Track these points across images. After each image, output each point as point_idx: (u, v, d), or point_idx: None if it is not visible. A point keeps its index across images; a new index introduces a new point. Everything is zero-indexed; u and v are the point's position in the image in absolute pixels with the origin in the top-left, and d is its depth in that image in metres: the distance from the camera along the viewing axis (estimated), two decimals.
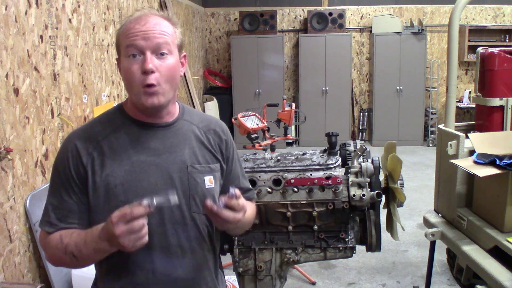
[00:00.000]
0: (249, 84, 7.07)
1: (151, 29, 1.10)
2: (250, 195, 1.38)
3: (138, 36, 1.08)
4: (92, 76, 3.18)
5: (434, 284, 2.96)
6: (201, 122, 1.27)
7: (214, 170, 1.23)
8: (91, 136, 1.15)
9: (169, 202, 1.00)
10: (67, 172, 1.12)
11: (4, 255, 2.12)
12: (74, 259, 1.07)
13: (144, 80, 1.08)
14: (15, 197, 2.24)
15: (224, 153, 1.27)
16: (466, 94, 7.04)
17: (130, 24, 1.12)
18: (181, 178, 1.16)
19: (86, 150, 1.13)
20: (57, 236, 1.10)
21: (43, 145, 2.52)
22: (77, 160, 1.12)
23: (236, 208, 1.08)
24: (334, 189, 1.95)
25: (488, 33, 7.11)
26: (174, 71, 1.13)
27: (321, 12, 6.95)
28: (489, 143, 2.00)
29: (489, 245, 1.92)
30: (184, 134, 1.21)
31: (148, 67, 1.07)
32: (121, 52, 1.13)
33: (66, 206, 1.13)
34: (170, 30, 1.14)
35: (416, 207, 4.41)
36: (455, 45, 2.38)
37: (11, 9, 2.24)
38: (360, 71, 7.54)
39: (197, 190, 1.18)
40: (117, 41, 1.15)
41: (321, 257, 2.06)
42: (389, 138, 4.33)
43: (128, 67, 1.09)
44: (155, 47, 1.09)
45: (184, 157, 1.18)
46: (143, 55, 1.08)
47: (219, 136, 1.27)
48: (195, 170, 1.19)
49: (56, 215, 1.13)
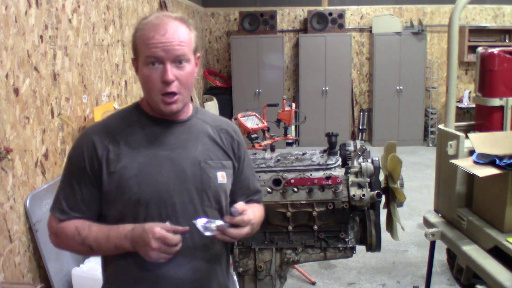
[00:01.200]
0: (249, 84, 7.07)
1: (170, 40, 1.13)
2: (259, 198, 1.42)
3: (158, 48, 1.12)
4: (92, 76, 3.18)
5: (434, 284, 2.96)
6: (214, 122, 1.31)
7: (226, 167, 1.26)
8: (108, 130, 1.19)
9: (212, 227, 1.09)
10: (81, 164, 1.16)
11: (4, 255, 2.12)
12: (90, 250, 1.14)
13: (163, 88, 1.14)
14: (15, 197, 2.24)
15: (236, 152, 1.31)
16: (466, 94, 7.04)
17: (150, 33, 1.14)
18: (194, 173, 1.20)
19: (101, 144, 1.17)
20: (72, 227, 1.15)
21: (43, 145, 2.52)
22: (92, 153, 1.16)
23: (242, 225, 1.12)
24: (334, 189, 1.95)
25: (488, 33, 7.10)
26: (191, 77, 1.19)
27: (321, 12, 6.95)
28: (489, 143, 2.00)
29: (489, 245, 1.92)
30: (197, 131, 1.26)
31: (169, 78, 1.12)
32: (139, 57, 1.17)
33: (78, 196, 1.17)
34: (187, 37, 1.17)
35: (416, 207, 4.41)
36: (455, 45, 2.38)
37: (11, 9, 2.24)
38: (360, 71, 7.54)
39: (209, 185, 1.21)
40: (135, 44, 1.18)
41: (321, 257, 2.06)
42: (389, 138, 4.33)
43: (148, 75, 1.14)
44: (175, 57, 1.13)
45: (197, 153, 1.22)
46: (162, 65, 1.13)
47: (231, 136, 1.31)
48: (208, 165, 1.22)
49: (68, 204, 1.17)
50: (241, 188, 1.35)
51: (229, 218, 1.12)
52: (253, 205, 1.35)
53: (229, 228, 1.11)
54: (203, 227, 1.11)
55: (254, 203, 1.38)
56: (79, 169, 1.17)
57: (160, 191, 1.16)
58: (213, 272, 1.25)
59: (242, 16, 6.98)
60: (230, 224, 1.11)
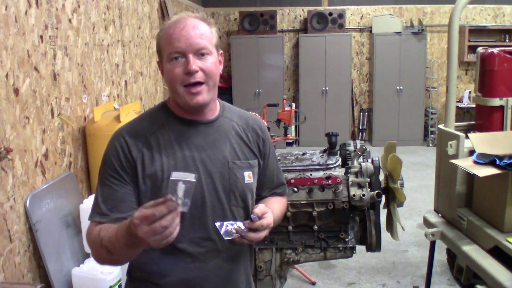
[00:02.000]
0: (249, 84, 7.07)
1: (190, 32, 1.15)
2: (283, 191, 1.44)
3: (179, 41, 1.14)
4: (92, 76, 3.18)
5: (434, 284, 2.96)
6: (240, 119, 1.32)
7: (252, 166, 1.28)
8: (139, 132, 1.21)
9: (189, 182, 0.99)
10: (118, 163, 1.17)
11: (4, 255, 2.12)
12: (109, 254, 1.09)
13: (187, 79, 1.14)
14: (15, 197, 2.24)
15: (261, 149, 1.33)
16: (466, 94, 7.04)
17: (170, 29, 1.16)
18: (222, 173, 1.22)
19: (135, 146, 1.18)
20: (97, 229, 1.13)
21: (43, 145, 2.52)
22: (127, 152, 1.17)
23: (260, 229, 1.13)
24: (334, 189, 1.95)
25: (488, 33, 7.11)
26: (215, 69, 1.19)
27: (321, 12, 6.95)
28: (489, 143, 2.00)
29: (489, 245, 1.92)
30: (225, 131, 1.27)
31: (192, 68, 1.13)
32: (163, 57, 1.19)
33: (118, 196, 1.16)
34: (208, 31, 1.18)
35: (416, 207, 4.41)
36: (455, 45, 2.38)
37: (11, 9, 2.24)
38: (360, 71, 7.54)
39: (236, 185, 1.23)
40: (158, 45, 1.21)
41: (321, 257, 2.06)
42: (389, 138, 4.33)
43: (171, 69, 1.15)
44: (196, 49, 1.14)
45: (226, 153, 1.24)
46: (185, 57, 1.14)
47: (256, 133, 1.33)
48: (236, 165, 1.24)
49: (107, 206, 1.16)
50: (266, 182, 1.38)
51: (248, 223, 1.13)
52: (275, 199, 1.39)
53: (248, 232, 1.13)
54: (224, 231, 1.13)
55: (277, 196, 1.41)
56: (116, 169, 1.17)
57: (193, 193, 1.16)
58: (237, 272, 1.28)
59: (242, 16, 6.98)
60: (249, 228, 1.13)
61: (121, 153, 1.18)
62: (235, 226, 1.13)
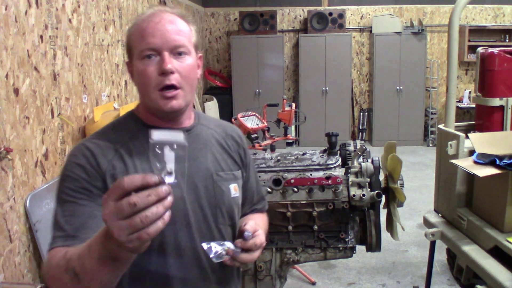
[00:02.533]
0: (249, 84, 7.07)
1: (167, 27, 1.00)
2: (263, 206, 1.31)
3: (153, 36, 0.99)
4: (92, 76, 3.18)
5: (434, 284, 2.96)
6: (217, 127, 1.19)
7: (237, 178, 1.15)
8: (107, 143, 1.03)
9: (180, 145, 0.75)
10: (84, 176, 0.98)
11: (4, 255, 2.12)
12: (75, 279, 0.81)
13: (162, 81, 0.99)
14: (15, 197, 2.24)
15: (243, 159, 1.21)
16: (466, 94, 7.04)
17: (143, 23, 1.01)
18: (206, 187, 1.07)
19: (104, 157, 1.00)
20: (62, 251, 0.88)
21: (43, 145, 2.52)
22: (95, 164, 0.99)
23: (253, 249, 1.00)
24: (334, 189, 1.95)
25: (488, 33, 7.10)
26: (193, 72, 1.05)
27: (321, 12, 6.95)
28: (489, 143, 2.00)
29: (489, 245, 1.92)
30: (204, 139, 1.13)
31: (167, 67, 0.98)
32: (133, 55, 1.03)
33: (86, 211, 0.94)
34: (186, 29, 1.05)
35: (416, 207, 4.41)
36: (455, 45, 2.38)
37: (11, 9, 2.24)
38: (360, 71, 7.53)
39: (223, 200, 1.09)
40: (128, 42, 1.05)
41: (321, 257, 2.06)
42: (389, 138, 4.33)
43: (143, 68, 1.00)
44: (173, 47, 1.00)
45: (208, 164, 1.09)
46: (159, 56, 0.99)
47: (236, 142, 1.20)
48: (220, 178, 1.10)
49: (73, 225, 0.93)
50: (247, 197, 1.23)
51: (241, 242, 0.98)
52: (257, 216, 1.25)
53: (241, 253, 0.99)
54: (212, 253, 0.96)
55: (258, 213, 1.28)
56: (80, 183, 0.97)
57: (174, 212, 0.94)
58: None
59: (242, 16, 6.98)
60: (242, 249, 0.99)
61: (87, 165, 0.98)
62: (224, 247, 0.97)
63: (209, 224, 1.07)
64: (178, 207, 0.99)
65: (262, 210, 1.30)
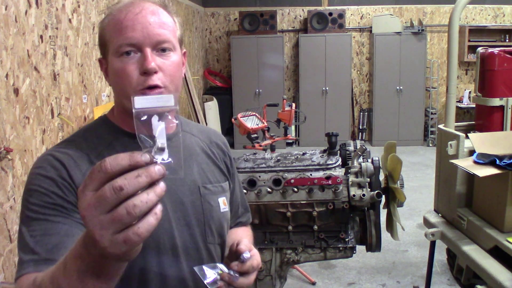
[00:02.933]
0: (249, 84, 7.07)
1: (149, 19, 0.86)
2: (247, 219, 1.20)
3: (133, 29, 0.85)
4: (92, 76, 3.18)
5: (434, 284, 2.96)
6: (201, 134, 1.08)
7: (225, 190, 1.05)
8: (79, 153, 0.89)
9: (167, 107, 0.61)
10: (54, 190, 0.83)
11: (4, 255, 2.12)
12: None
13: (144, 82, 0.85)
14: (15, 197, 2.24)
15: (229, 169, 1.10)
16: (466, 94, 7.04)
17: (120, 14, 0.87)
18: (193, 202, 0.96)
19: (77, 169, 0.86)
20: (31, 278, 0.72)
21: (43, 145, 2.52)
22: (66, 176, 0.85)
23: (250, 271, 0.90)
24: (334, 189, 1.95)
25: (488, 33, 7.11)
26: (179, 70, 0.92)
27: (321, 12, 6.95)
28: (489, 143, 2.00)
29: (489, 245, 1.92)
30: (189, 148, 1.01)
31: (150, 66, 0.84)
32: (108, 50, 0.89)
33: (60, 229, 0.79)
34: (170, 21, 0.92)
35: (416, 207, 4.41)
36: (455, 45, 2.38)
37: (11, 9, 2.24)
38: (360, 71, 7.53)
39: (212, 215, 0.98)
40: (102, 36, 0.91)
41: (321, 257, 2.06)
42: (389, 138, 4.33)
43: (122, 67, 0.86)
44: (156, 42, 0.87)
45: (194, 176, 0.98)
46: (140, 52, 0.86)
47: (222, 150, 1.10)
48: (208, 191, 0.99)
49: (46, 246, 0.77)
50: (231, 210, 1.11)
51: (238, 265, 0.88)
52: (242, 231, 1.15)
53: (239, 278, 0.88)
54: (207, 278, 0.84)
55: (243, 227, 1.17)
56: (51, 198, 0.82)
57: (158, 232, 0.87)
58: None
59: (242, 16, 6.98)
60: (239, 272, 0.88)
61: (58, 177, 0.83)
62: (217, 270, 0.86)
63: (197, 245, 0.95)
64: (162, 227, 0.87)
65: (247, 224, 1.20)
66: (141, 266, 0.87)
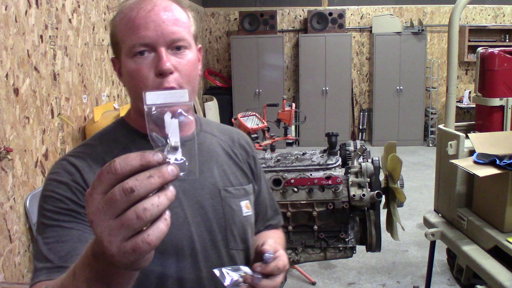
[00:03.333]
0: (249, 84, 7.07)
1: (162, 16, 0.82)
2: (278, 222, 1.15)
3: (146, 28, 0.81)
4: (92, 76, 3.18)
5: (434, 284, 2.96)
6: (223, 134, 1.03)
7: (249, 193, 1.00)
8: (95, 156, 0.87)
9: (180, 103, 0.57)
10: (68, 195, 0.82)
11: (4, 255, 2.12)
12: None
13: (159, 84, 0.82)
14: (15, 197, 2.24)
15: (254, 170, 1.05)
16: (466, 94, 7.04)
17: (132, 11, 0.83)
18: (214, 206, 0.92)
19: (92, 172, 0.84)
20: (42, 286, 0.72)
21: (43, 145, 2.52)
22: (81, 180, 0.83)
23: (275, 273, 0.83)
24: (334, 189, 1.95)
25: (488, 33, 7.11)
26: (195, 69, 0.88)
27: (321, 12, 6.95)
28: (489, 143, 2.00)
29: (489, 245, 1.92)
30: (209, 149, 0.97)
31: (165, 67, 0.80)
32: (121, 50, 0.86)
33: (73, 235, 0.78)
34: (185, 17, 0.86)
35: (416, 207, 4.41)
36: (455, 45, 2.38)
37: (11, 9, 2.24)
38: (360, 71, 7.54)
39: (234, 220, 0.94)
40: (114, 35, 0.88)
41: (321, 257, 2.06)
42: (389, 138, 4.33)
43: (136, 68, 0.83)
44: (170, 41, 0.83)
45: (215, 179, 0.94)
46: (154, 52, 0.82)
47: (245, 150, 1.05)
48: (229, 194, 0.95)
49: (59, 253, 0.76)
50: (260, 213, 1.08)
51: (261, 266, 0.82)
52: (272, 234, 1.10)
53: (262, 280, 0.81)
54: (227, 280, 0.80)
55: (273, 229, 1.12)
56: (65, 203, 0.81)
57: (177, 237, 0.85)
58: None
59: (242, 16, 6.98)
60: (263, 274, 0.82)
61: (71, 182, 0.82)
62: (240, 272, 0.82)
63: (218, 250, 0.91)
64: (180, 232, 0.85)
65: (277, 226, 1.14)
66: (159, 271, 0.84)
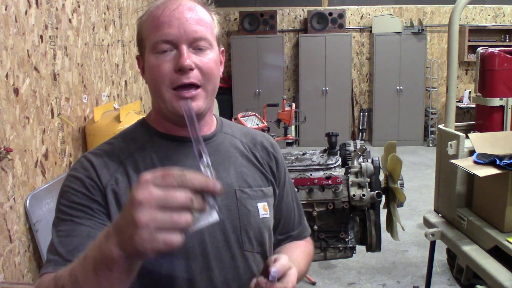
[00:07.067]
0: (249, 84, 7.07)
1: (186, 15, 0.84)
2: (305, 233, 1.11)
3: (170, 26, 0.83)
4: (92, 76, 3.18)
5: (434, 284, 2.96)
6: (244, 136, 1.03)
7: (267, 195, 0.98)
8: (111, 153, 0.89)
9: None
10: (81, 190, 0.84)
11: (4, 255, 2.12)
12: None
13: (178, 79, 0.83)
14: (15, 197, 2.24)
15: (275, 173, 1.03)
16: (466, 94, 7.04)
17: (158, 10, 0.86)
18: (228, 207, 0.90)
19: (106, 169, 0.86)
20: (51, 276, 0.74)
21: (43, 145, 2.52)
22: (95, 176, 0.86)
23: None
24: (334, 189, 1.95)
25: (488, 33, 7.11)
26: (216, 69, 0.89)
27: (321, 12, 6.95)
28: (489, 143, 2.00)
29: (489, 245, 1.92)
30: (226, 150, 0.97)
31: (185, 63, 0.82)
32: (145, 47, 0.88)
33: (83, 230, 0.80)
34: (208, 18, 0.89)
35: (416, 207, 4.41)
36: (455, 45, 2.38)
37: (11, 9, 2.24)
38: (360, 71, 7.54)
39: (249, 221, 0.92)
40: (139, 33, 0.90)
41: (321, 257, 2.06)
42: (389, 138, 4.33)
43: (157, 64, 0.84)
44: (193, 39, 0.84)
45: (230, 179, 0.93)
46: (176, 49, 0.84)
47: (267, 152, 1.03)
48: (246, 195, 0.93)
49: (67, 246, 0.79)
50: (282, 221, 1.05)
51: (266, 283, 0.81)
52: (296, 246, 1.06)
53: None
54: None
55: (297, 241, 1.08)
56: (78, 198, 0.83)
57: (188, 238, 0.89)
58: None
59: (242, 16, 6.98)
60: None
61: (85, 178, 0.84)
62: None
63: (232, 252, 0.89)
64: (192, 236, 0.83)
65: (300, 238, 1.09)
66: (168, 271, 0.85)
